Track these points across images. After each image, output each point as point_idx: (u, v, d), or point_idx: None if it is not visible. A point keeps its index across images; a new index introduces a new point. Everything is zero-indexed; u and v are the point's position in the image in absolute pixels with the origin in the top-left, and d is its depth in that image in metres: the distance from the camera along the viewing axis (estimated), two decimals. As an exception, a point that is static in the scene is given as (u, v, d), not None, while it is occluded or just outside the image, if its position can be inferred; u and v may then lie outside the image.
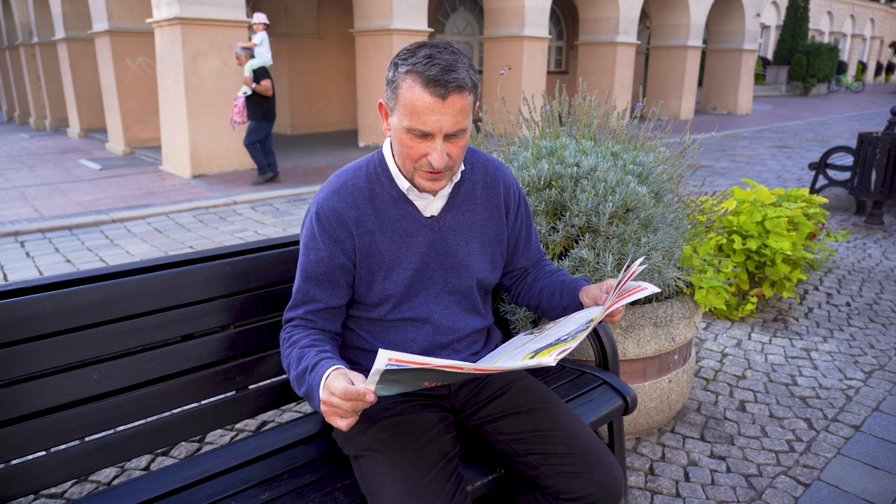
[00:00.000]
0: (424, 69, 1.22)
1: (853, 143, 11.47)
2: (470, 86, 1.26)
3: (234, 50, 7.95)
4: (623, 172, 2.14)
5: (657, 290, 1.32)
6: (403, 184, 1.41)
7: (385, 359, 0.95)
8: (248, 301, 1.63)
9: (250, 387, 1.64)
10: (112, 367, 1.43)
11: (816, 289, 4.17)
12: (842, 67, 33.15)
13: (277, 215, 6.56)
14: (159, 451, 2.37)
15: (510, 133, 2.59)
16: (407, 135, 1.28)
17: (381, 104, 1.36)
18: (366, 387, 1.05)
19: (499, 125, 2.66)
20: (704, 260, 2.48)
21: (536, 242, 1.70)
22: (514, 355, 1.25)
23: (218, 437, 2.47)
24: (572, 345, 1.12)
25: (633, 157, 2.27)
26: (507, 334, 2.08)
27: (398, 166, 1.40)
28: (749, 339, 3.40)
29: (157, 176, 8.72)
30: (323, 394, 1.14)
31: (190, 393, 1.54)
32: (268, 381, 1.67)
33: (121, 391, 1.44)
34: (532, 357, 1.11)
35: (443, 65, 1.22)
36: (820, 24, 34.57)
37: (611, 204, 2.02)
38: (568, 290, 1.56)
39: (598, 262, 2.03)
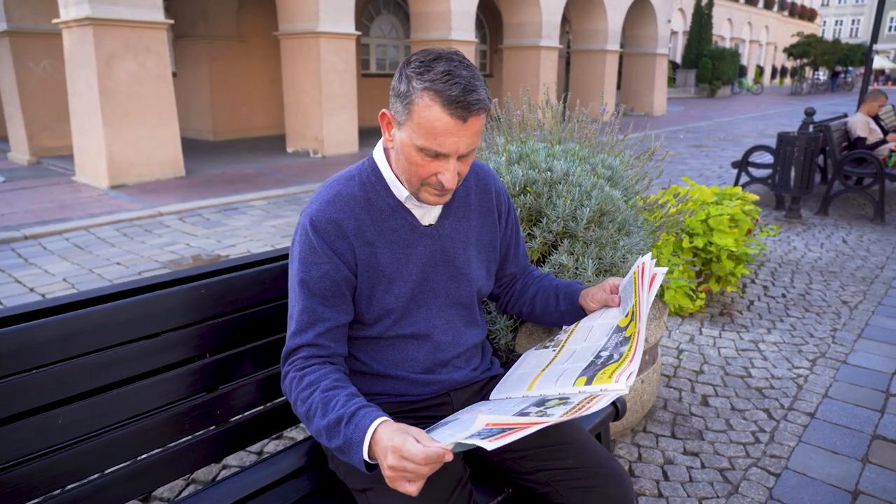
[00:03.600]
0: (444, 88, 1.14)
1: (761, 142, 12.23)
2: (488, 105, 1.19)
3: (151, 53, 7.52)
4: (595, 176, 2.14)
5: (665, 269, 1.30)
6: (401, 192, 1.33)
7: (483, 423, 0.88)
8: (225, 326, 1.50)
9: (232, 419, 1.51)
10: (78, 409, 1.27)
11: (753, 282, 4.38)
12: (742, 71, 35.41)
13: (209, 226, 6.24)
14: (140, 497, 2.16)
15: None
16: (418, 153, 1.20)
17: (384, 114, 1.26)
18: (444, 447, 0.96)
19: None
20: (669, 260, 2.52)
21: (524, 248, 1.66)
22: (559, 381, 1.19)
23: (202, 474, 2.28)
24: (634, 365, 1.07)
25: (602, 161, 2.28)
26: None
27: (397, 176, 1.32)
28: (700, 334, 3.51)
29: (71, 187, 8.12)
30: (392, 459, 1.00)
31: (167, 431, 1.39)
32: (252, 412, 1.54)
33: (90, 436, 1.28)
34: (590, 383, 1.05)
35: (464, 84, 1.14)
36: (722, 30, 36.77)
37: (587, 209, 2.01)
38: (565, 295, 1.52)
39: (577, 268, 2.02)
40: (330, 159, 10.45)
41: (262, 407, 1.56)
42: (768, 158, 6.70)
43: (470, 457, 1.47)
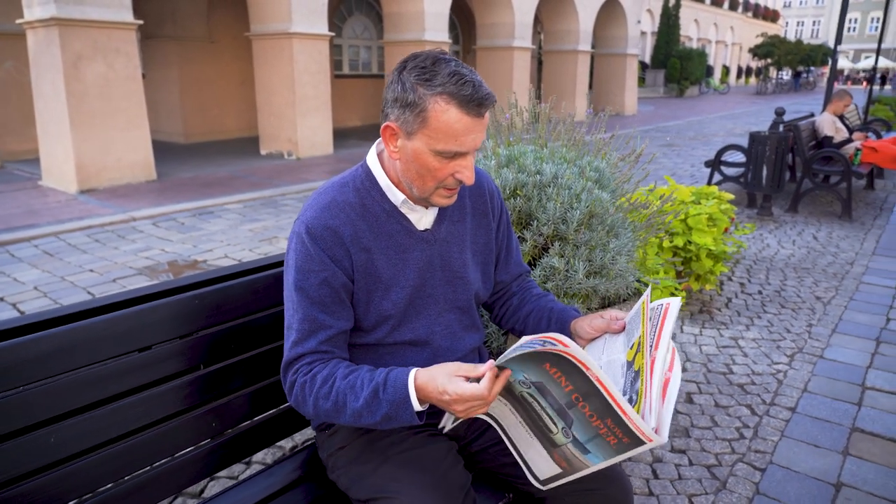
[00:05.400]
0: (458, 89, 1.14)
1: (729, 141, 12.45)
2: (496, 98, 1.23)
3: (120, 54, 7.36)
4: (584, 179, 2.15)
5: (678, 300, 1.22)
6: (398, 197, 1.32)
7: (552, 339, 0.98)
8: (219, 336, 1.47)
9: (227, 432, 1.48)
10: (70, 426, 1.23)
11: (730, 279, 4.46)
12: (709, 71, 36.06)
13: (184, 231, 6.13)
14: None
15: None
16: (436, 158, 1.20)
17: (387, 127, 1.23)
18: (491, 368, 1.08)
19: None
20: (656, 260, 2.55)
21: (517, 256, 1.62)
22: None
23: (193, 488, 2.23)
24: (654, 399, 1.05)
25: (589, 163, 2.29)
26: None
27: (396, 181, 1.31)
28: (682, 331, 3.56)
29: (38, 192, 7.90)
30: (455, 405, 1.10)
31: (162, 447, 1.36)
32: (247, 424, 1.51)
33: (82, 454, 1.25)
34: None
35: (473, 81, 1.16)
36: (689, 31, 37.44)
37: (577, 211, 2.03)
38: (557, 320, 1.45)
39: (568, 270, 2.03)
40: (305, 161, 10.35)
41: (258, 417, 1.53)
42: (740, 157, 6.84)
43: (470, 463, 1.46)
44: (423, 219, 1.36)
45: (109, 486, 1.29)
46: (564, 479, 1.20)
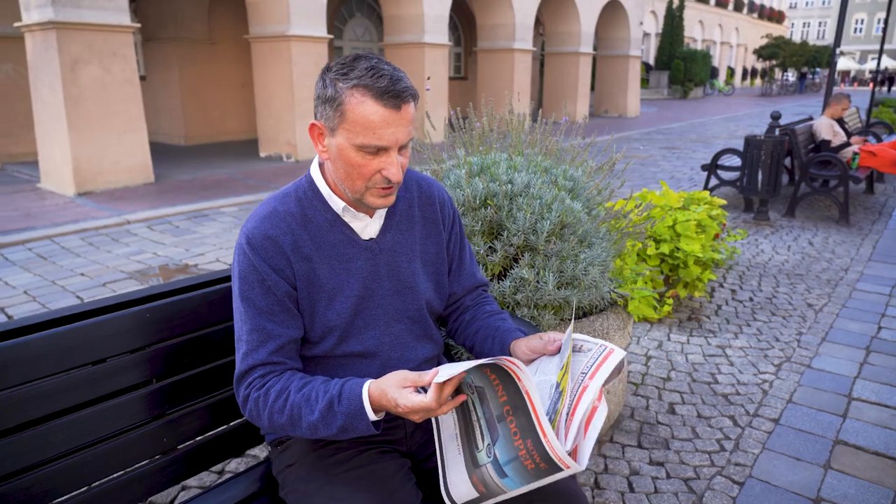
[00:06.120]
0: (373, 82, 1.15)
1: (731, 144, 12.41)
2: (416, 93, 1.22)
3: (117, 57, 7.37)
4: (557, 188, 2.12)
5: (623, 353, 1.17)
6: (338, 204, 1.31)
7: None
8: (171, 350, 1.45)
9: (179, 447, 1.46)
10: (15, 442, 1.21)
11: (721, 286, 4.42)
12: (714, 72, 35.91)
13: (177, 234, 6.13)
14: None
15: (424, 145, 2.52)
16: (358, 153, 1.19)
17: (313, 125, 1.24)
18: (436, 380, 1.04)
19: (424, 138, 2.58)
20: (633, 270, 2.52)
21: (472, 268, 1.57)
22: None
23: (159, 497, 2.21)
24: (575, 422, 1.05)
25: (564, 172, 2.27)
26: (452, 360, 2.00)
27: (334, 187, 1.31)
28: (669, 339, 3.53)
29: (36, 195, 7.92)
30: (416, 416, 1.10)
31: (109, 463, 1.34)
32: (199, 439, 1.49)
33: (24, 470, 1.23)
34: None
35: (390, 75, 1.16)
36: (693, 32, 37.30)
37: (548, 222, 2.00)
38: (499, 340, 1.42)
39: (538, 282, 2.00)
40: (303, 164, 10.35)
41: (212, 432, 1.51)
42: (737, 161, 6.79)
43: (423, 482, 1.43)
44: (367, 228, 1.34)
45: (61, 500, 1.27)
46: None
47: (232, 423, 1.56)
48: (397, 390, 1.10)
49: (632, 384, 3.01)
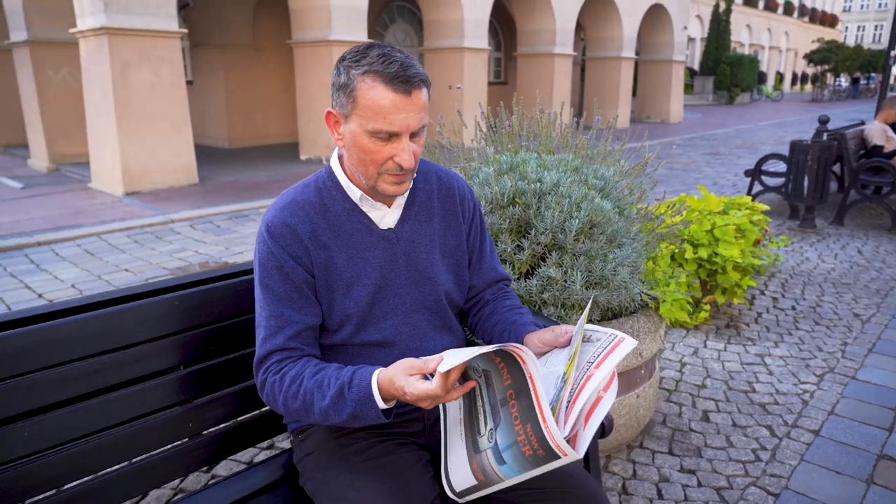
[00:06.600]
0: (384, 67, 1.16)
1: (778, 150, 12.04)
2: (427, 80, 1.22)
3: (165, 61, 7.62)
4: (587, 188, 2.10)
5: (634, 342, 1.15)
6: (355, 193, 1.33)
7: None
8: (199, 338, 1.48)
9: (204, 432, 1.49)
10: (45, 421, 1.26)
11: (763, 293, 4.29)
12: (762, 77, 34.94)
13: (218, 233, 6.28)
14: None
15: (454, 145, 2.51)
16: (370, 139, 1.20)
17: (329, 113, 1.27)
18: (439, 369, 1.03)
19: (455, 139, 2.58)
20: (665, 272, 2.47)
21: (492, 262, 1.56)
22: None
23: (167, 491, 2.27)
24: (574, 412, 1.05)
25: (595, 171, 2.24)
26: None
27: (351, 176, 1.32)
28: (705, 346, 3.44)
29: (86, 194, 8.23)
30: (424, 403, 1.09)
31: (135, 445, 1.38)
32: (224, 425, 1.52)
33: (52, 448, 1.27)
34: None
35: (400, 61, 1.17)
36: (740, 37, 36.39)
37: (577, 220, 1.98)
38: (514, 333, 1.41)
39: (566, 281, 1.98)
40: (342, 167, 10.48)
41: (236, 420, 1.54)
42: (782, 167, 6.59)
43: (440, 476, 1.42)
44: (385, 217, 1.35)
45: (85, 479, 1.31)
46: (478, 494, 1.18)
47: (256, 412, 1.59)
48: (404, 378, 1.10)
49: (664, 390, 2.95)
